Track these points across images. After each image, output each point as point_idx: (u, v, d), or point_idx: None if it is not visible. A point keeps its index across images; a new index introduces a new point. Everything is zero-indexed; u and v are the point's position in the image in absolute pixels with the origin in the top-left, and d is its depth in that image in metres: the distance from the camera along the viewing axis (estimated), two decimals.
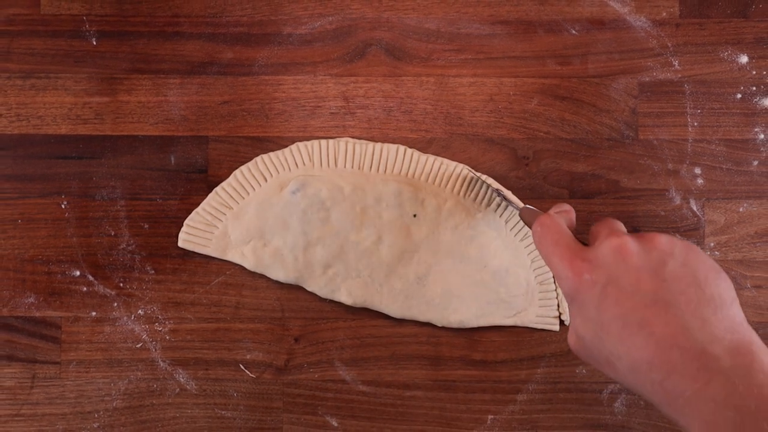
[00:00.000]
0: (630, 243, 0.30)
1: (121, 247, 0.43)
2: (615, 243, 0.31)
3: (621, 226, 0.32)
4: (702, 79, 0.44)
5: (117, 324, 0.43)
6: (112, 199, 0.44)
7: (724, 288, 0.29)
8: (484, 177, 0.43)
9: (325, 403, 0.43)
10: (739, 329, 0.28)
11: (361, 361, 0.43)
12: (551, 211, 0.35)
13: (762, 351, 0.27)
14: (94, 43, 0.44)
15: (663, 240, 0.31)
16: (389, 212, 0.42)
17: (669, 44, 0.44)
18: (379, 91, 0.44)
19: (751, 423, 0.25)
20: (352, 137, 0.44)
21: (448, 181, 0.43)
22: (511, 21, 0.44)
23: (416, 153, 0.43)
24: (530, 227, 0.36)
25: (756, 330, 0.29)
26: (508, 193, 0.43)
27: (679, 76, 0.44)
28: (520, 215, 0.39)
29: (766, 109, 0.44)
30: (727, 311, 0.29)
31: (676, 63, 0.44)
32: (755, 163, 0.44)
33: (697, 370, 0.27)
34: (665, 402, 0.28)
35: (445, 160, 0.43)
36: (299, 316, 0.44)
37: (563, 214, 0.35)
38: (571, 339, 0.32)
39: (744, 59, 0.44)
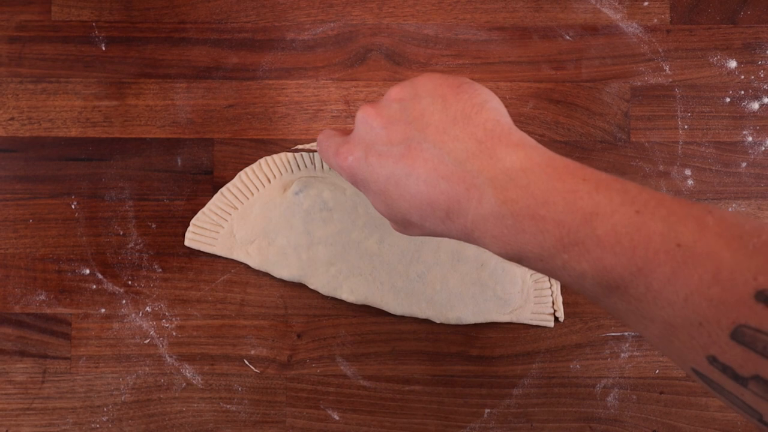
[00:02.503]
0: (369, 107, 0.31)
1: (130, 246, 0.45)
2: (360, 115, 0.31)
3: None
4: (692, 84, 0.45)
5: (125, 321, 0.44)
6: (120, 200, 0.45)
7: (466, 100, 0.29)
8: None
9: (326, 398, 0.44)
10: (492, 135, 0.27)
11: (362, 357, 0.45)
12: None
13: (523, 147, 0.27)
14: (103, 48, 0.45)
15: (396, 88, 0.31)
16: None
17: (660, 50, 0.46)
18: (379, 95, 0.45)
19: (529, 224, 0.25)
20: None
21: None
22: (507, 27, 0.46)
23: None
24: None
25: None
26: None
27: (670, 80, 0.46)
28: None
29: (754, 112, 0.45)
30: (476, 121, 0.28)
31: (666, 68, 0.46)
32: (744, 164, 0.45)
33: (466, 190, 0.27)
34: (463, 234, 0.28)
35: None
36: (302, 313, 0.45)
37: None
38: (391, 225, 0.32)
39: (733, 64, 0.45)
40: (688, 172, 0.45)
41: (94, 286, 0.45)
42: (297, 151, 0.44)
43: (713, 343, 0.23)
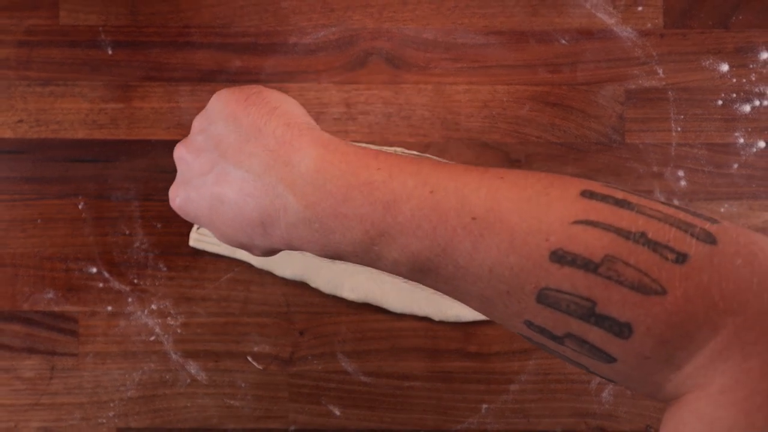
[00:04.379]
0: (180, 145, 0.31)
1: (135, 245, 0.46)
2: (175, 154, 0.31)
3: None
4: (685, 87, 0.46)
5: (131, 318, 0.45)
6: (126, 200, 0.46)
7: (254, 112, 0.28)
8: None
9: (328, 393, 0.45)
10: (283, 142, 0.27)
11: (363, 354, 0.46)
12: None
13: (316, 146, 0.26)
14: (110, 52, 0.46)
15: (196, 119, 0.31)
16: None
17: (654, 53, 0.47)
18: (379, 98, 0.46)
19: (335, 223, 0.25)
20: (354, 141, 0.46)
21: None
22: (504, 31, 0.47)
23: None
24: None
25: None
26: None
27: (664, 83, 0.46)
28: None
29: (745, 114, 0.46)
30: (266, 132, 0.27)
31: (660, 71, 0.46)
32: (735, 166, 0.46)
33: (271, 202, 0.27)
34: (285, 244, 0.28)
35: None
36: (304, 310, 0.46)
37: None
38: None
39: (725, 67, 0.46)
40: (681, 173, 0.46)
41: (101, 285, 0.46)
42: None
43: (524, 309, 0.23)
